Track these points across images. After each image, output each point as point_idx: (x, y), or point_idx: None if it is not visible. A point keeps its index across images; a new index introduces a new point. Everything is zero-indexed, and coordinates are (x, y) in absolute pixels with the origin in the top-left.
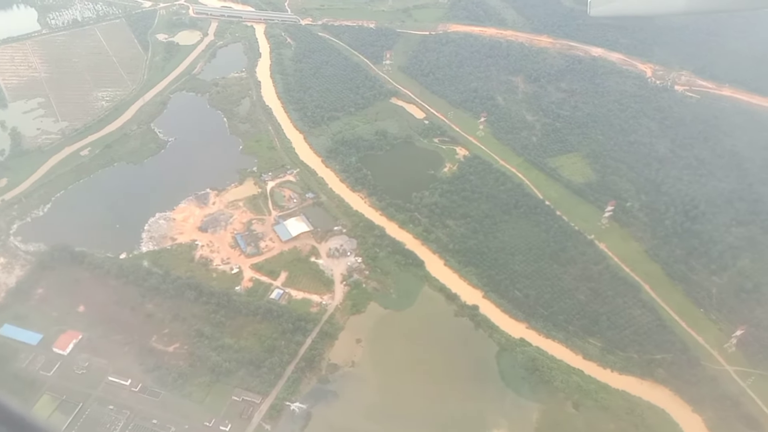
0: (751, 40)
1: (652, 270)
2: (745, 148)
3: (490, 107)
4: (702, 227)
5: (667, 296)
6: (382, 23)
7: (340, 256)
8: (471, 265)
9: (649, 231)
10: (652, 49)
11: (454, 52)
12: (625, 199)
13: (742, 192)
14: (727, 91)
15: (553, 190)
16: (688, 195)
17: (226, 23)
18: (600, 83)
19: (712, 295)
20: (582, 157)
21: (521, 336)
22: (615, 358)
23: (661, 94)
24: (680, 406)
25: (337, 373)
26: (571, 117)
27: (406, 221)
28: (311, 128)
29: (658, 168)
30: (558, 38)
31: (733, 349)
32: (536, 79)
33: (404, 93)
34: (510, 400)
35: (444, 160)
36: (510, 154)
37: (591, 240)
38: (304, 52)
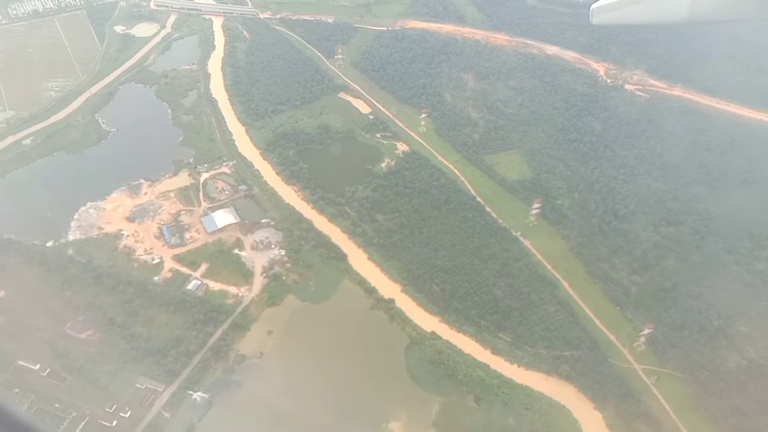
0: (709, 40)
1: (573, 268)
2: (686, 148)
3: (436, 103)
4: (629, 226)
5: (584, 294)
6: (340, 18)
7: (264, 248)
8: (394, 259)
9: (576, 229)
10: (609, 48)
11: (407, 48)
12: (555, 197)
13: (676, 192)
14: (678, 91)
15: (486, 186)
16: (621, 194)
17: (185, 16)
18: (550, 81)
19: (630, 293)
20: (521, 154)
21: (433, 330)
22: (523, 354)
23: (610, 93)
24: (583, 402)
25: (244, 363)
26: (516, 115)
27: (335, 215)
28: (254, 121)
29: (594, 167)
30: (515, 36)
31: (642, 348)
32: (486, 77)
33: (353, 88)
34: (413, 393)
35: (383, 155)
36: (449, 150)
37: (516, 237)
38: (258, 46)
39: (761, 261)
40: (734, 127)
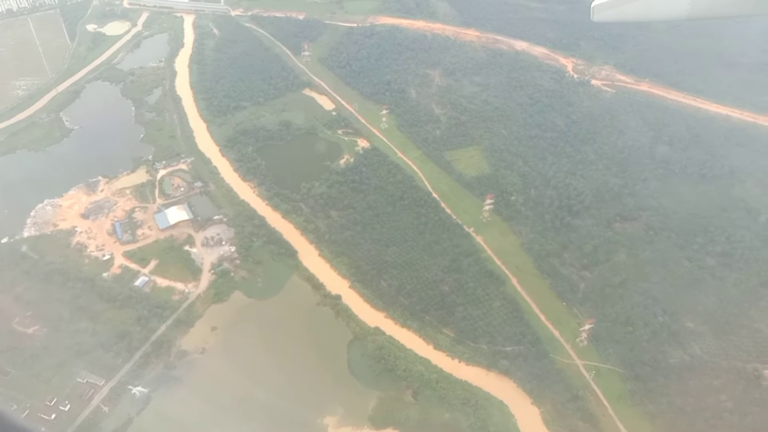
0: (681, 35)
1: (523, 263)
2: (647, 144)
3: (400, 100)
4: (582, 222)
5: (532, 289)
6: (311, 14)
7: (214, 245)
8: (344, 255)
9: (529, 225)
10: (579, 43)
11: (376, 45)
12: (510, 192)
13: (634, 187)
14: (645, 86)
15: (444, 183)
16: (576, 190)
17: (156, 14)
18: (517, 77)
19: (578, 289)
20: (481, 150)
21: (377, 325)
22: (464, 349)
23: (576, 89)
24: (521, 398)
25: (185, 359)
26: (479, 111)
27: (289, 211)
28: (216, 117)
29: (552, 162)
30: (486, 32)
31: (584, 343)
32: (453, 73)
33: (318, 84)
34: (352, 388)
35: (343, 151)
36: (410, 146)
37: (469, 233)
38: (226, 43)
39: (713, 257)
40: (699, 123)
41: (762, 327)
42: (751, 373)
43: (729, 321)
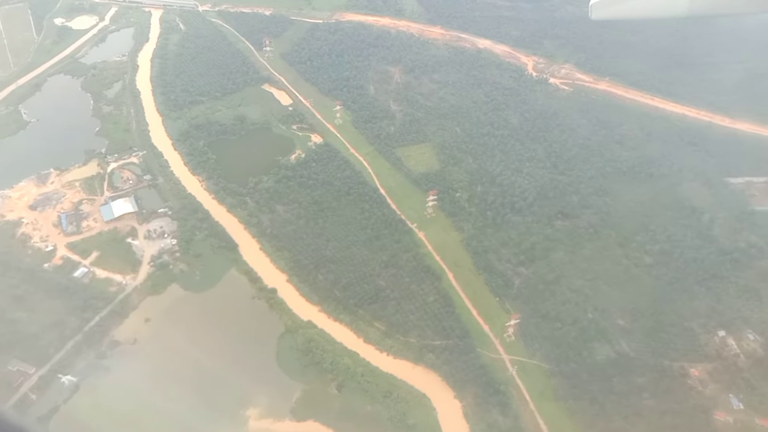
0: (646, 34)
1: (462, 259)
2: (598, 142)
3: (357, 96)
4: (523, 219)
5: (467, 285)
6: (279, 10)
7: (156, 237)
8: (285, 249)
9: (471, 221)
10: (542, 41)
11: (338, 41)
12: (455, 189)
13: (579, 186)
14: (604, 85)
15: (392, 179)
16: (521, 187)
17: (125, 9)
18: (476, 75)
19: (513, 285)
20: (432, 147)
21: (310, 319)
22: (393, 342)
23: (534, 87)
24: (444, 391)
25: (117, 349)
26: (435, 108)
27: (234, 205)
28: (172, 112)
29: (501, 159)
30: (450, 30)
31: (512, 338)
32: (412, 70)
33: (278, 80)
34: (278, 381)
35: (295, 146)
36: (363, 142)
37: (411, 228)
38: (190, 38)
39: (651, 255)
40: (654, 122)
41: (694, 326)
42: (678, 371)
43: (660, 319)
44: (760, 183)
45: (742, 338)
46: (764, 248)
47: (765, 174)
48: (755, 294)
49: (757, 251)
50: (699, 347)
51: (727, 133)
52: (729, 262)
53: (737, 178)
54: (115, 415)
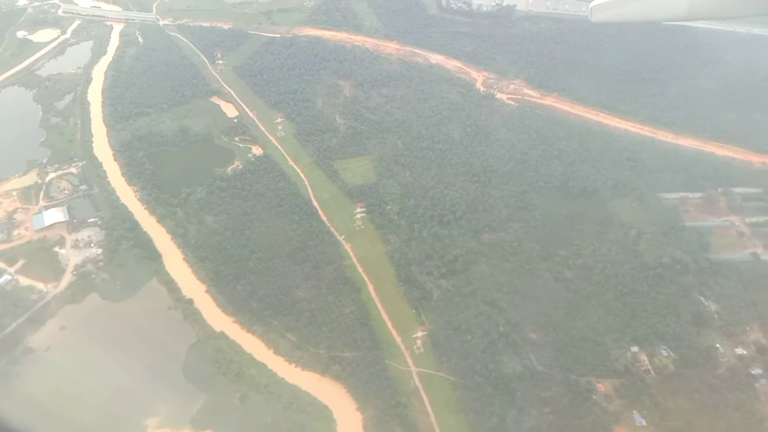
0: (600, 50)
1: (384, 271)
2: (535, 157)
3: (302, 109)
4: (449, 232)
5: (386, 297)
6: (238, 25)
7: (83, 246)
8: (208, 260)
9: (399, 234)
10: (495, 57)
11: (292, 55)
12: (387, 202)
13: (510, 200)
14: (550, 100)
15: (327, 191)
16: (452, 200)
17: (87, 22)
18: (424, 90)
19: (432, 297)
20: (371, 160)
21: (223, 329)
22: (303, 354)
23: (480, 102)
24: (348, 403)
25: (29, 356)
26: (380, 122)
27: (164, 215)
28: (117, 123)
29: (436, 173)
30: (406, 45)
31: (421, 350)
32: (362, 84)
33: (227, 92)
34: (182, 391)
35: (234, 158)
36: (302, 154)
37: (339, 240)
38: (147, 51)
39: (573, 270)
40: (595, 137)
41: (607, 341)
42: (584, 386)
43: (573, 334)
44: (696, 198)
45: (654, 354)
46: (688, 264)
47: (701, 190)
48: (674, 310)
49: (681, 267)
50: (609, 362)
51: (669, 149)
52: (651, 277)
53: (672, 193)
54: (18, 421)
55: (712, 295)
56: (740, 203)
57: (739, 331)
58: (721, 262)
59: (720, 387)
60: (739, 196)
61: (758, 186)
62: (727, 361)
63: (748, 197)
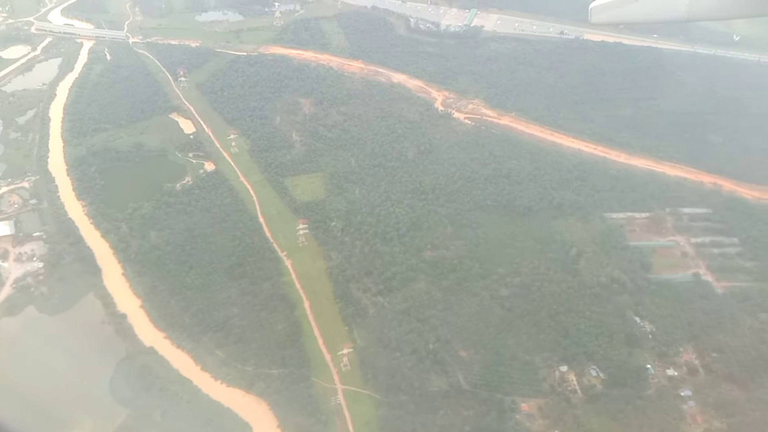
0: (562, 71)
1: (323, 288)
2: (485, 175)
3: (259, 126)
4: (391, 249)
5: (321, 314)
6: (206, 43)
7: (26, 260)
8: (146, 275)
9: (341, 250)
10: (456, 77)
11: (255, 73)
12: (332, 218)
13: (456, 217)
14: (507, 120)
15: (274, 207)
16: (398, 217)
17: (59, 39)
18: (384, 108)
19: (367, 315)
20: (323, 177)
21: (153, 345)
22: (230, 370)
23: (437, 121)
24: (269, 421)
25: None
26: (335, 139)
27: (109, 230)
28: (74, 139)
29: (385, 190)
30: (370, 64)
31: (348, 368)
32: (322, 102)
33: (186, 109)
34: (105, 406)
35: (186, 174)
36: (254, 171)
37: (280, 257)
38: (113, 68)
39: (509, 288)
40: (547, 156)
41: (536, 360)
42: (508, 405)
43: (503, 352)
44: (642, 218)
45: (583, 374)
46: (626, 283)
47: (649, 209)
48: (607, 330)
49: (618, 286)
50: (536, 382)
51: (620, 169)
52: (588, 296)
53: (618, 213)
54: None
55: (647, 316)
56: (687, 223)
57: (671, 352)
58: (660, 282)
59: (647, 408)
60: (686, 216)
61: (707, 206)
62: (657, 382)
63: (695, 217)
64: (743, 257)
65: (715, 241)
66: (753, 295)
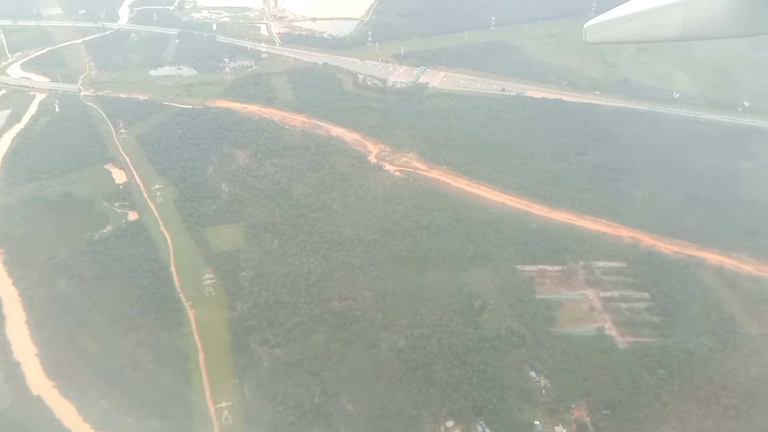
0: (498, 125)
1: (221, 339)
2: (405, 227)
3: (189, 176)
4: (296, 300)
5: (215, 366)
6: (155, 96)
7: None
8: (48, 323)
9: (246, 301)
10: (394, 131)
11: (196, 125)
12: (243, 268)
13: (369, 268)
14: (436, 173)
15: (189, 257)
16: (310, 268)
17: (13, 92)
18: (317, 160)
19: (261, 367)
20: (244, 227)
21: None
22: (111, 421)
23: (368, 173)
24: None
25: None
26: (264, 189)
27: (21, 278)
28: (6, 188)
29: (303, 240)
30: (313, 117)
31: (230, 421)
32: (257, 153)
33: (122, 159)
34: None
35: (108, 223)
36: (176, 220)
37: (183, 306)
38: (59, 120)
39: (409, 339)
40: (470, 209)
41: (424, 414)
42: None
43: (390, 406)
44: (554, 271)
45: (470, 429)
46: (526, 337)
47: (562, 263)
48: (500, 384)
49: (518, 340)
50: None
51: (540, 222)
52: (486, 349)
53: (531, 265)
54: None
55: (544, 370)
56: (599, 277)
57: (563, 409)
58: (562, 336)
59: None
60: (599, 269)
61: (623, 260)
62: None
63: (608, 271)
64: (651, 312)
65: (625, 295)
66: (655, 351)
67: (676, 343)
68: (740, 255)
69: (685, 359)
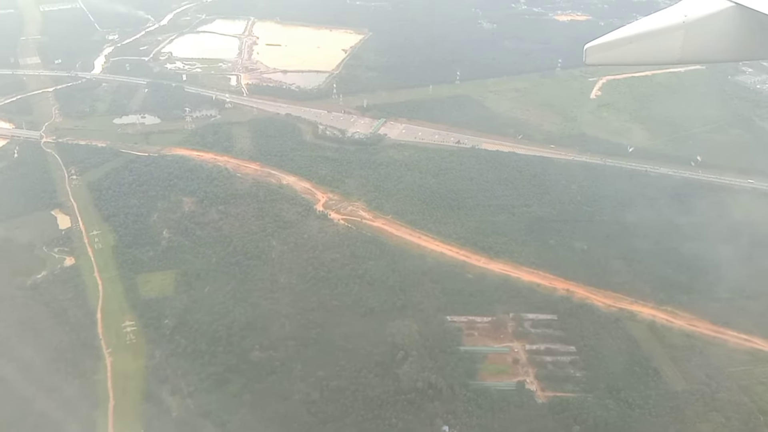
0: (446, 177)
1: (134, 389)
2: (339, 275)
3: (132, 222)
4: (217, 349)
5: (122, 415)
6: (114, 144)
7: None
8: None
9: (165, 349)
10: (345, 180)
11: (148, 172)
12: (167, 316)
13: (296, 317)
14: (380, 222)
15: (118, 303)
16: (236, 317)
17: None
18: (263, 207)
19: (171, 417)
20: (177, 274)
21: None
22: None
23: (312, 222)
24: None
25: None
26: (204, 236)
27: None
28: None
29: (234, 287)
30: (266, 166)
31: None
32: (204, 200)
33: (70, 205)
34: None
35: (44, 269)
36: (111, 267)
37: (103, 354)
38: (16, 165)
39: (324, 392)
40: (408, 258)
41: None
42: None
43: None
44: (483, 322)
45: None
46: (442, 389)
47: (492, 314)
48: None
49: (434, 393)
50: None
51: (477, 273)
52: (401, 402)
53: (461, 316)
54: None
55: (457, 424)
56: (527, 329)
57: None
58: (480, 389)
59: None
60: (529, 322)
61: (554, 312)
62: None
63: (537, 323)
64: (575, 366)
65: (551, 348)
66: (572, 406)
67: (596, 399)
68: (674, 309)
69: (602, 416)
